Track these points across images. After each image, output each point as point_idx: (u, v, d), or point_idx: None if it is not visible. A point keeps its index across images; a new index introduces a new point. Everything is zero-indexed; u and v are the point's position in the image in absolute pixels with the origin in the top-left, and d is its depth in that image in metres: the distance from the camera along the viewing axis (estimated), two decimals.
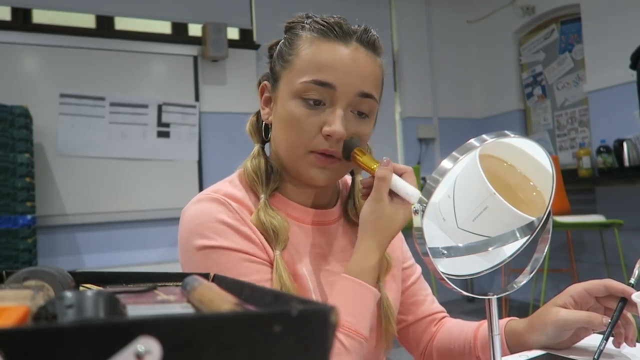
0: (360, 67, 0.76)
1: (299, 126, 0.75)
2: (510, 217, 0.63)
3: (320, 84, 0.74)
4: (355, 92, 0.75)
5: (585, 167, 3.43)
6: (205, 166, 3.57)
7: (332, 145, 0.75)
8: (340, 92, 0.74)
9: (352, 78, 0.75)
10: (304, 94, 0.75)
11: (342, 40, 0.76)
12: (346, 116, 0.76)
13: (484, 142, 0.57)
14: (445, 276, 0.60)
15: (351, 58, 0.75)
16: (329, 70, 0.74)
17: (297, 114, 0.75)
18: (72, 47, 3.26)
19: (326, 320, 0.26)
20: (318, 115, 0.75)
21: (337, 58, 0.75)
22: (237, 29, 3.81)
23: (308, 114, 0.75)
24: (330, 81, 0.74)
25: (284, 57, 0.79)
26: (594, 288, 0.76)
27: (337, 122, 0.74)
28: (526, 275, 0.66)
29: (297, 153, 0.76)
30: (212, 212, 0.75)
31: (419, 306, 0.92)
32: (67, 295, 0.29)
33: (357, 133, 0.77)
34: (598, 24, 3.58)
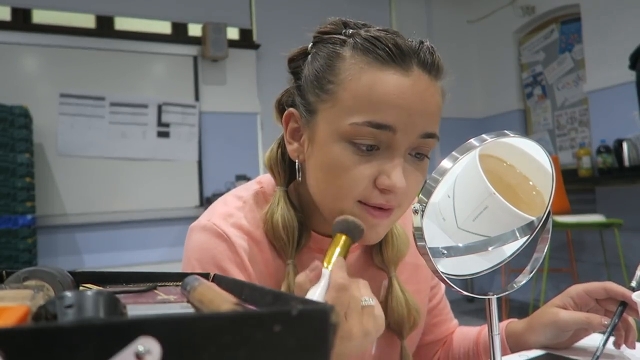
0: (425, 103, 0.61)
1: (347, 176, 0.61)
2: (510, 217, 0.63)
3: (376, 126, 0.59)
4: (418, 134, 0.61)
5: (585, 167, 3.43)
6: (205, 166, 3.57)
7: (390, 200, 0.62)
8: (401, 135, 0.60)
9: (415, 118, 0.60)
10: (354, 138, 0.60)
11: (401, 67, 0.60)
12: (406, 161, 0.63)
13: (484, 142, 0.57)
14: (445, 276, 0.60)
15: (414, 92, 0.60)
16: (388, 110, 0.59)
17: (345, 161, 0.60)
18: (72, 47, 3.26)
19: (326, 320, 0.26)
20: (372, 163, 0.61)
21: (398, 93, 0.59)
22: (237, 29, 3.81)
23: (359, 162, 0.60)
24: (389, 123, 0.59)
25: (322, 84, 0.63)
26: (594, 290, 0.75)
27: (397, 174, 0.60)
28: (526, 275, 0.66)
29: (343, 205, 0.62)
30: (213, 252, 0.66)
31: (440, 326, 0.89)
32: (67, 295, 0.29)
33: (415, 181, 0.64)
34: (598, 24, 3.58)
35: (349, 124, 0.60)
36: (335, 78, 0.62)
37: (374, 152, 0.61)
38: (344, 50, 0.63)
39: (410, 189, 0.63)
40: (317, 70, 0.64)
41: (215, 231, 0.67)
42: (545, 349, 0.78)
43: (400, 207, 0.64)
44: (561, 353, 0.76)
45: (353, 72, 0.61)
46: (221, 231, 0.67)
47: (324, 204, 0.65)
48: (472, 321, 3.32)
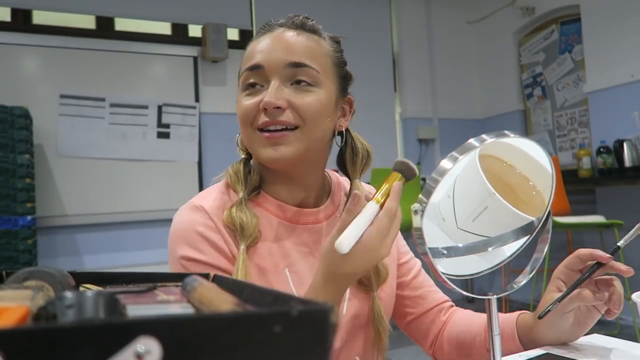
0: (283, 42, 0.78)
1: (243, 110, 0.78)
2: (510, 217, 0.63)
3: (250, 68, 0.78)
4: (283, 64, 0.77)
5: (585, 167, 3.43)
6: (205, 167, 3.57)
7: (274, 116, 0.76)
8: (268, 67, 0.77)
9: (276, 52, 0.77)
10: (243, 85, 0.79)
11: (268, 30, 0.81)
12: (285, 88, 0.77)
13: (484, 142, 0.57)
14: (445, 276, 0.60)
15: (273, 38, 0.79)
16: (255, 55, 0.79)
17: (240, 101, 0.79)
18: (72, 48, 3.26)
19: (326, 320, 0.26)
20: (258, 96, 0.77)
21: (260, 43, 0.80)
22: (237, 30, 3.81)
23: (248, 98, 0.78)
24: (256, 62, 0.78)
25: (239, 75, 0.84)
26: (570, 263, 0.77)
27: (269, 94, 0.75)
28: (526, 275, 0.66)
29: (248, 136, 0.79)
30: (191, 222, 0.78)
31: (425, 298, 0.93)
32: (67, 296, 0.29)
33: (298, 102, 0.76)
34: (598, 24, 3.58)
35: (239, 78, 0.81)
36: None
37: (259, 89, 0.78)
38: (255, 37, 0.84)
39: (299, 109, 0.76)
40: None
41: (191, 206, 0.80)
42: (556, 343, 0.77)
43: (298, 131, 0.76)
44: (561, 353, 0.76)
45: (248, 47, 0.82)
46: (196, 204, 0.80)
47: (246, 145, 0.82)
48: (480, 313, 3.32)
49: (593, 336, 0.80)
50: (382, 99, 4.25)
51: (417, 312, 0.92)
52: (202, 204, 0.80)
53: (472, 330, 0.86)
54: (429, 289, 0.94)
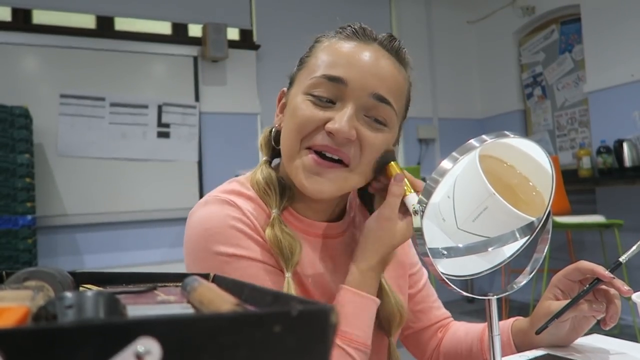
0: (379, 67, 0.69)
1: (301, 119, 0.68)
2: (510, 218, 0.63)
3: (330, 78, 0.68)
4: (369, 92, 0.68)
5: (586, 167, 3.43)
6: (205, 166, 3.57)
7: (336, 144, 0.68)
8: (352, 88, 0.68)
9: (367, 76, 0.68)
10: (313, 90, 0.69)
11: (362, 41, 0.71)
12: (358, 119, 0.69)
13: (484, 143, 0.57)
14: (445, 276, 0.60)
15: (370, 56, 0.69)
16: (342, 65, 0.68)
17: (302, 107, 0.69)
18: (72, 47, 3.26)
19: (326, 320, 0.26)
20: (325, 112, 0.68)
21: (352, 53, 0.69)
22: (237, 29, 3.81)
23: (314, 109, 0.68)
24: (340, 75, 0.68)
25: (302, 61, 0.75)
26: (570, 273, 0.76)
27: (343, 119, 0.67)
28: (526, 275, 0.66)
29: (293, 148, 0.70)
30: (223, 216, 0.70)
31: (426, 313, 0.91)
32: (67, 296, 0.29)
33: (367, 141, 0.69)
34: (598, 24, 3.58)
35: (310, 78, 0.70)
36: (310, 53, 0.74)
37: (330, 106, 0.69)
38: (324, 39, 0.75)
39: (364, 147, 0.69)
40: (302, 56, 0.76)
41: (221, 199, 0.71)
42: (552, 346, 0.77)
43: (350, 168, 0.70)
44: (561, 353, 0.76)
45: (323, 46, 0.73)
46: (226, 198, 0.71)
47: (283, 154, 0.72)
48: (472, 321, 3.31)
49: (593, 336, 0.80)
50: None
51: (416, 327, 0.90)
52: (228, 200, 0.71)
53: (468, 340, 0.86)
54: (431, 305, 0.92)
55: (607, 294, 0.72)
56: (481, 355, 0.83)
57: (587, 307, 0.71)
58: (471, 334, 0.87)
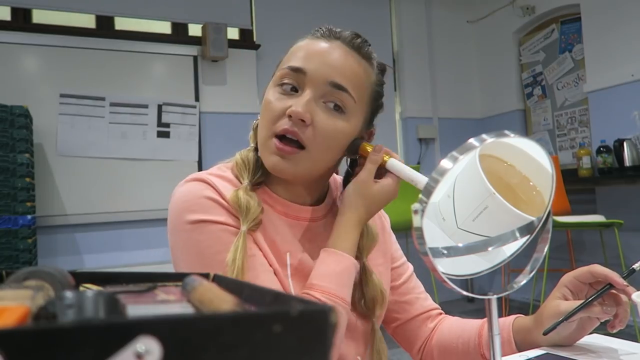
0: (335, 58, 0.76)
1: (269, 109, 0.77)
2: (510, 217, 0.63)
3: (292, 69, 0.76)
4: (326, 80, 0.75)
5: (585, 167, 3.43)
6: (205, 166, 3.56)
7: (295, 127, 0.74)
8: (310, 77, 0.75)
9: (324, 66, 0.75)
10: (280, 81, 0.77)
11: (325, 38, 0.79)
12: (316, 104, 0.75)
13: (484, 142, 0.57)
14: (445, 276, 0.60)
15: (327, 50, 0.77)
16: (303, 57, 0.76)
17: (269, 98, 0.78)
18: (72, 47, 3.26)
19: (326, 320, 0.26)
20: (289, 99, 0.76)
21: (313, 47, 0.77)
22: (237, 29, 3.81)
23: (279, 98, 0.76)
24: (300, 65, 0.76)
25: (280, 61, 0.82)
26: (582, 275, 0.77)
27: (300, 102, 0.74)
28: (526, 275, 0.66)
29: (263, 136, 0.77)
30: (197, 190, 0.77)
31: (412, 304, 0.93)
32: (67, 295, 0.29)
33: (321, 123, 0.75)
34: (598, 24, 3.58)
35: (278, 71, 0.79)
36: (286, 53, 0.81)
37: (293, 94, 0.76)
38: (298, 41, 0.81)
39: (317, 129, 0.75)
40: None
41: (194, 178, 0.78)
42: (554, 346, 0.77)
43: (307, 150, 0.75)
44: (561, 353, 0.76)
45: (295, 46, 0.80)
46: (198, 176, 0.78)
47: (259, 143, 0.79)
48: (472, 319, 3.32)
49: (593, 336, 0.80)
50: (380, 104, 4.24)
51: (403, 317, 0.92)
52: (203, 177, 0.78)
53: (465, 335, 0.86)
54: (417, 296, 0.94)
55: (617, 298, 0.73)
56: (478, 350, 0.83)
57: (598, 309, 0.72)
58: (468, 329, 0.87)
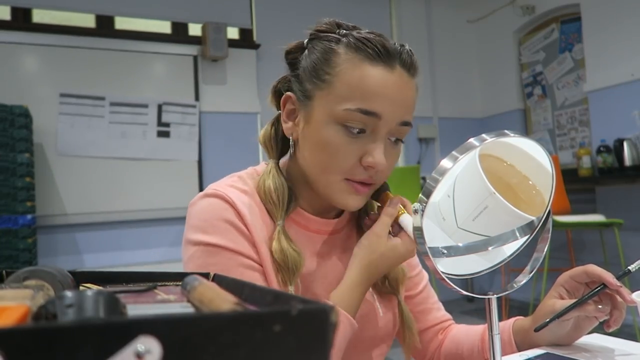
0: (405, 97, 0.73)
1: (338, 154, 0.72)
2: (510, 217, 0.63)
3: (366, 112, 0.70)
4: (398, 122, 0.73)
5: (585, 166, 3.43)
6: (205, 166, 3.57)
7: (372, 176, 0.73)
8: (385, 121, 0.71)
9: (397, 108, 0.72)
10: (346, 122, 0.71)
11: (387, 64, 0.72)
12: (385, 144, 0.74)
13: (484, 142, 0.57)
14: (445, 276, 0.60)
15: (397, 87, 0.72)
16: (376, 99, 0.70)
17: (336, 141, 0.71)
18: (72, 47, 3.26)
19: (326, 319, 0.26)
20: (358, 144, 0.72)
21: (384, 86, 0.71)
22: (237, 29, 3.81)
23: (348, 142, 0.71)
24: (377, 111, 0.70)
25: (319, 75, 0.73)
26: (577, 275, 0.77)
27: (379, 152, 0.72)
28: (526, 274, 0.66)
29: (332, 179, 0.74)
30: (217, 210, 0.74)
31: (426, 314, 0.91)
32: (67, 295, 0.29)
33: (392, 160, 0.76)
34: (598, 23, 3.58)
35: (343, 109, 0.71)
36: (331, 70, 0.73)
37: (361, 135, 0.72)
38: (339, 47, 0.73)
39: (388, 166, 0.75)
40: (315, 62, 0.74)
41: (219, 194, 0.75)
42: (553, 345, 0.78)
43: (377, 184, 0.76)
44: (561, 353, 0.76)
45: (347, 66, 0.72)
46: (224, 194, 0.75)
47: (314, 176, 0.76)
48: (472, 321, 3.32)
49: (593, 336, 0.80)
50: None
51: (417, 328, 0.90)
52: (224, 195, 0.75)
53: (469, 341, 0.86)
54: (431, 306, 0.92)
55: (613, 298, 0.73)
56: (482, 355, 0.83)
57: (592, 308, 0.72)
58: (472, 335, 0.87)
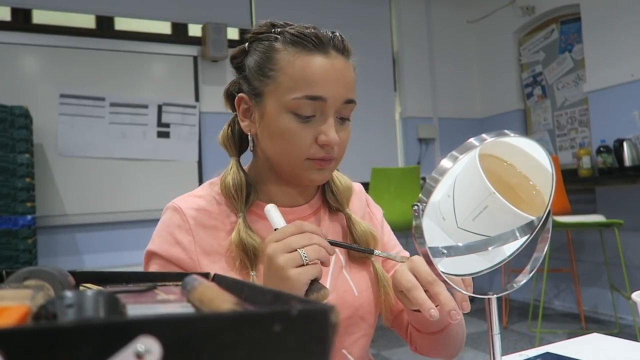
0: (344, 77, 0.79)
1: (295, 138, 0.78)
2: (510, 217, 0.63)
3: (312, 98, 0.76)
4: (342, 101, 0.79)
5: (585, 167, 3.43)
6: (205, 166, 3.57)
7: (329, 152, 0.79)
8: (330, 103, 0.77)
9: (340, 88, 0.78)
10: (296, 110, 0.77)
11: (322, 52, 0.78)
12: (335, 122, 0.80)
13: (484, 142, 0.57)
14: (445, 276, 0.60)
15: (336, 70, 0.78)
16: (319, 85, 0.77)
17: (291, 127, 0.78)
18: (72, 47, 3.26)
19: (326, 320, 0.26)
20: (311, 126, 0.78)
21: (324, 72, 0.78)
22: (237, 29, 3.81)
23: (301, 127, 0.78)
24: (321, 94, 0.77)
25: (264, 72, 0.80)
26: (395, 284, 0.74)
27: (331, 131, 0.78)
28: (526, 274, 0.66)
29: (294, 162, 0.80)
30: (168, 223, 0.82)
31: None
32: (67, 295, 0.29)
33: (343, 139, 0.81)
34: (598, 24, 3.58)
35: (291, 99, 0.77)
36: (274, 66, 0.79)
37: (312, 119, 0.78)
38: (277, 44, 0.80)
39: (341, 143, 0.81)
40: (258, 62, 0.81)
41: (172, 206, 0.84)
42: None
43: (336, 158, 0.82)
44: (561, 352, 0.76)
45: (288, 60, 0.78)
46: (176, 206, 0.83)
47: (279, 163, 0.82)
48: (471, 321, 3.32)
49: (593, 336, 0.80)
50: (382, 99, 4.25)
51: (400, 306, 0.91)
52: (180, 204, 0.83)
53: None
54: None
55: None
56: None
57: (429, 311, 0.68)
58: None
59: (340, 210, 0.91)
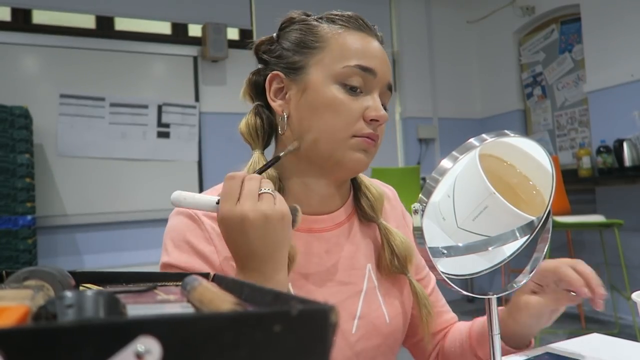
0: (387, 61, 0.77)
1: (342, 111, 0.72)
2: (510, 217, 0.63)
3: (364, 69, 0.73)
4: (386, 82, 0.76)
5: (585, 167, 3.43)
6: (205, 166, 3.57)
7: (376, 129, 0.74)
8: (378, 80, 0.74)
9: (386, 68, 0.76)
10: (346, 79, 0.73)
11: (367, 33, 0.77)
12: None
13: (484, 142, 0.57)
14: (445, 276, 0.60)
15: (381, 51, 0.76)
16: (371, 57, 0.74)
17: (340, 98, 0.72)
18: (72, 47, 3.26)
19: (326, 320, 0.26)
20: (358, 101, 0.73)
21: (374, 47, 0.75)
22: (237, 29, 3.81)
23: (350, 100, 0.73)
24: (373, 67, 0.73)
25: (309, 44, 0.75)
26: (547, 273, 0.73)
27: (380, 107, 0.74)
28: (526, 275, 0.66)
29: (339, 137, 0.73)
30: (183, 230, 0.75)
31: (436, 318, 0.88)
32: (67, 295, 0.29)
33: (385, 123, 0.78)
34: (598, 24, 3.58)
35: (342, 67, 0.73)
36: (319, 37, 0.75)
37: (358, 94, 0.74)
38: (320, 23, 0.77)
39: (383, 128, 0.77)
40: (298, 37, 0.77)
41: (186, 213, 0.76)
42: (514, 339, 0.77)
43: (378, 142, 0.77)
44: (561, 352, 0.76)
45: (334, 33, 0.75)
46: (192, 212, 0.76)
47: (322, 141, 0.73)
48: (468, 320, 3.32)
49: (593, 336, 0.80)
50: None
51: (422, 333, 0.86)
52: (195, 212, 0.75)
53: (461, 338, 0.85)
54: (441, 309, 0.90)
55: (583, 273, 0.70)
56: (472, 351, 0.82)
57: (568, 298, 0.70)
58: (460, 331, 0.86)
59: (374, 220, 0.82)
